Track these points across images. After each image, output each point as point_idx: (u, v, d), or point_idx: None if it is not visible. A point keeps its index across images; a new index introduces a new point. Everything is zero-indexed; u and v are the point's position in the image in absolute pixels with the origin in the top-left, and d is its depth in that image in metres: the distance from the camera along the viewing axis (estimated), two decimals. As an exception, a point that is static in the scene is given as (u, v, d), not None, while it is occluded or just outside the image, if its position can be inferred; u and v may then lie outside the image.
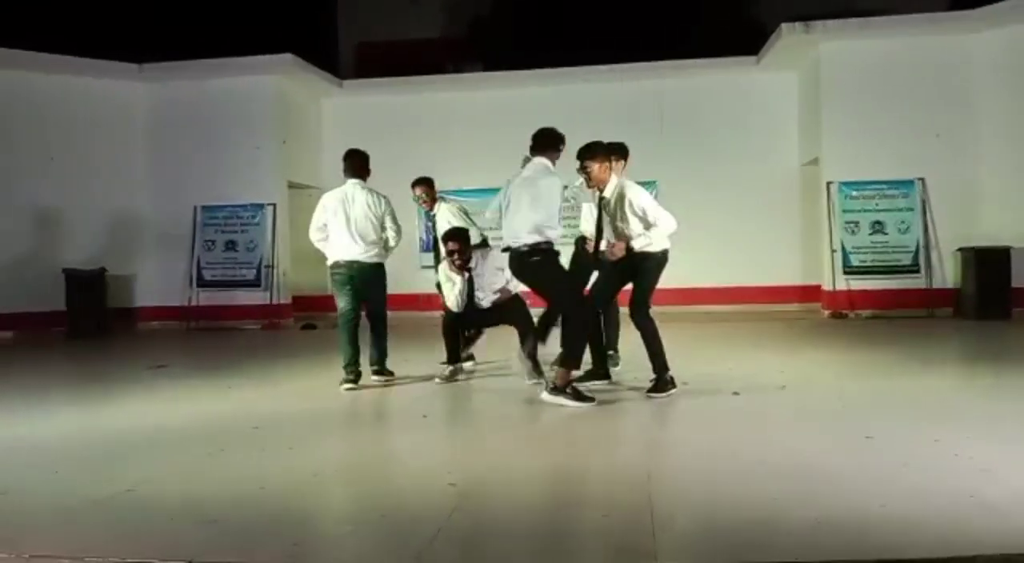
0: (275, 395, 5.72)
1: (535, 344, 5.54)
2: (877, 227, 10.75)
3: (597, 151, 5.02)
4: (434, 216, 6.57)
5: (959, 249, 10.33)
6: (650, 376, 5.04)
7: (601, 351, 5.52)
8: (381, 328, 5.93)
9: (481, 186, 9.98)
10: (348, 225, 5.67)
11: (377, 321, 5.91)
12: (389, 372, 5.93)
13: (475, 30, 15.61)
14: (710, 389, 5.15)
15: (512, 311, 5.71)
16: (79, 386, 6.54)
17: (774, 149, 12.12)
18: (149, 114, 12.02)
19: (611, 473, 3.38)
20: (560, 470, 3.59)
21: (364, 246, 5.70)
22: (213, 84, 11.83)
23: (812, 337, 8.61)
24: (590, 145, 5.04)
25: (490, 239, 6.56)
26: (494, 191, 5.22)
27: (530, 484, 3.24)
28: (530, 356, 5.51)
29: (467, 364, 6.24)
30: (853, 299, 10.65)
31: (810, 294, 11.58)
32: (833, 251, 10.74)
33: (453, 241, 5.74)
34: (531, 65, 12.14)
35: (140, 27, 13.18)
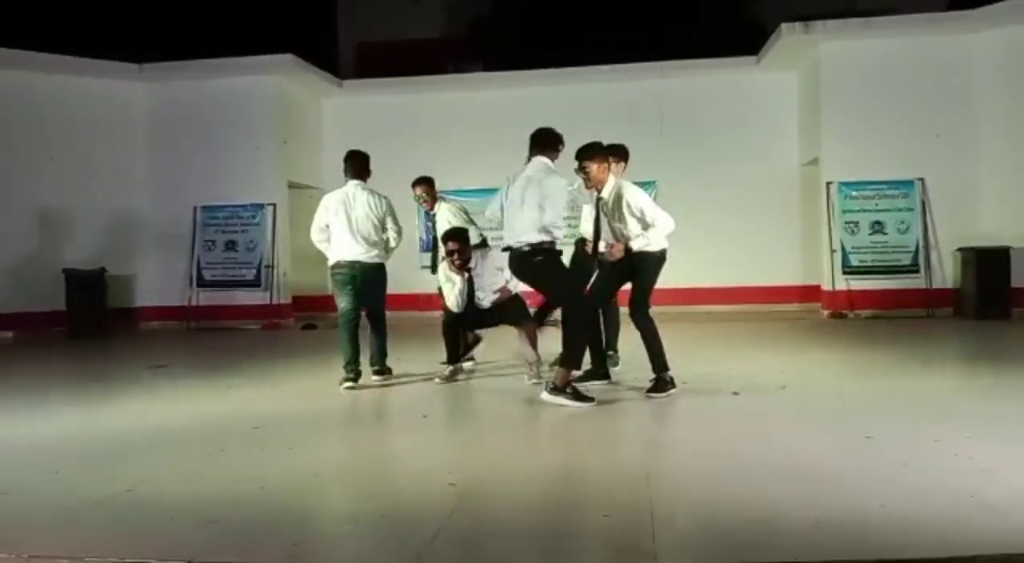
0: (275, 395, 5.72)
1: (535, 341, 5.55)
2: (877, 227, 10.75)
3: (596, 151, 5.03)
4: (434, 216, 6.58)
5: (959, 249, 10.34)
6: (650, 376, 5.05)
7: (600, 351, 5.53)
8: (381, 328, 5.98)
9: (481, 186, 9.98)
10: (350, 226, 5.69)
11: (377, 321, 5.96)
12: (388, 370, 5.99)
13: (475, 30, 15.61)
14: (710, 389, 5.15)
15: (512, 311, 5.72)
16: (79, 386, 6.54)
17: (774, 149, 12.13)
18: (149, 114, 12.02)
19: (611, 473, 3.37)
20: (560, 470, 3.59)
21: (366, 247, 5.72)
22: (213, 84, 11.84)
23: (812, 337, 8.61)
24: (589, 145, 5.04)
25: (490, 239, 6.56)
26: (494, 191, 5.21)
27: (530, 484, 3.24)
28: (531, 355, 5.52)
29: (467, 364, 6.25)
30: (853, 299, 10.65)
31: (810, 294, 11.58)
32: (833, 251, 10.75)
33: (453, 241, 5.74)
34: (531, 65, 12.14)
35: (140, 27, 13.19)
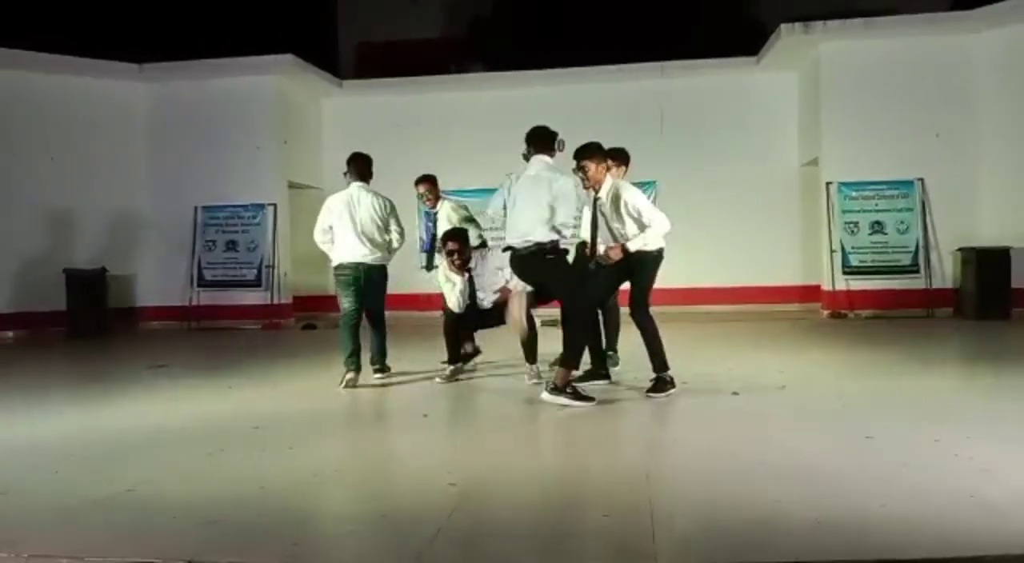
0: (275, 395, 5.72)
1: (535, 341, 5.56)
2: (877, 227, 10.75)
3: (594, 151, 5.04)
4: (435, 215, 6.58)
5: (959, 249, 10.34)
6: (650, 376, 5.05)
7: (600, 352, 5.53)
8: (380, 327, 6.05)
9: (481, 186, 9.98)
10: (354, 227, 5.73)
11: (377, 321, 6.02)
12: (388, 368, 6.06)
13: (475, 30, 15.61)
14: (710, 389, 5.15)
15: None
16: (79, 386, 6.54)
17: (774, 149, 12.13)
18: (149, 114, 12.02)
19: (611, 473, 3.38)
20: (560, 470, 3.60)
21: (369, 248, 5.77)
22: (213, 84, 11.84)
23: (812, 337, 8.61)
24: (587, 145, 5.05)
25: (489, 239, 6.56)
26: (494, 191, 5.19)
27: (530, 484, 3.24)
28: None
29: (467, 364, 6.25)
30: (853, 299, 10.65)
31: (810, 294, 11.58)
32: (833, 251, 10.75)
33: (452, 241, 5.75)
34: (531, 65, 12.14)
35: (140, 27, 13.19)
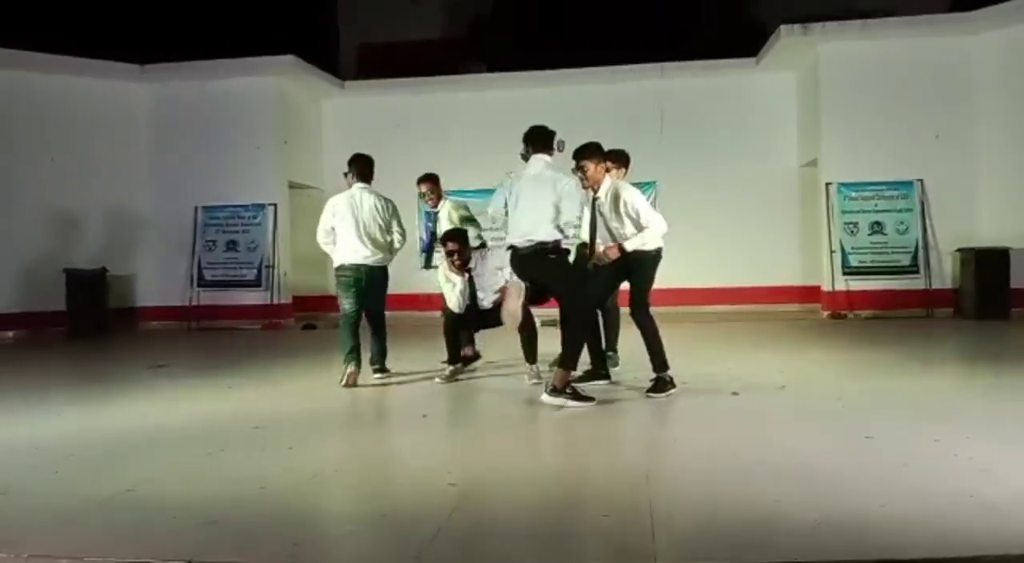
0: (275, 395, 5.72)
1: (534, 342, 5.55)
2: (876, 228, 10.75)
3: (593, 151, 5.05)
4: (436, 214, 6.58)
5: (958, 249, 10.34)
6: (650, 376, 5.05)
7: (600, 352, 5.53)
8: (381, 328, 6.05)
9: (481, 186, 9.97)
10: (357, 229, 5.75)
11: (377, 321, 6.03)
12: (388, 370, 6.05)
13: (475, 31, 15.62)
14: (710, 389, 5.15)
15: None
16: (79, 386, 6.54)
17: (773, 150, 12.14)
18: (150, 114, 12.03)
19: (611, 473, 3.37)
20: (560, 470, 3.60)
21: (371, 249, 5.79)
22: (214, 85, 11.84)
23: (812, 337, 8.61)
24: (586, 145, 5.06)
25: (489, 239, 6.56)
26: (494, 191, 5.18)
27: (530, 484, 3.24)
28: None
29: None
30: (852, 299, 10.65)
31: (810, 294, 11.59)
32: (832, 252, 10.75)
33: (452, 242, 5.76)
34: (531, 66, 12.15)
35: (141, 27, 13.19)
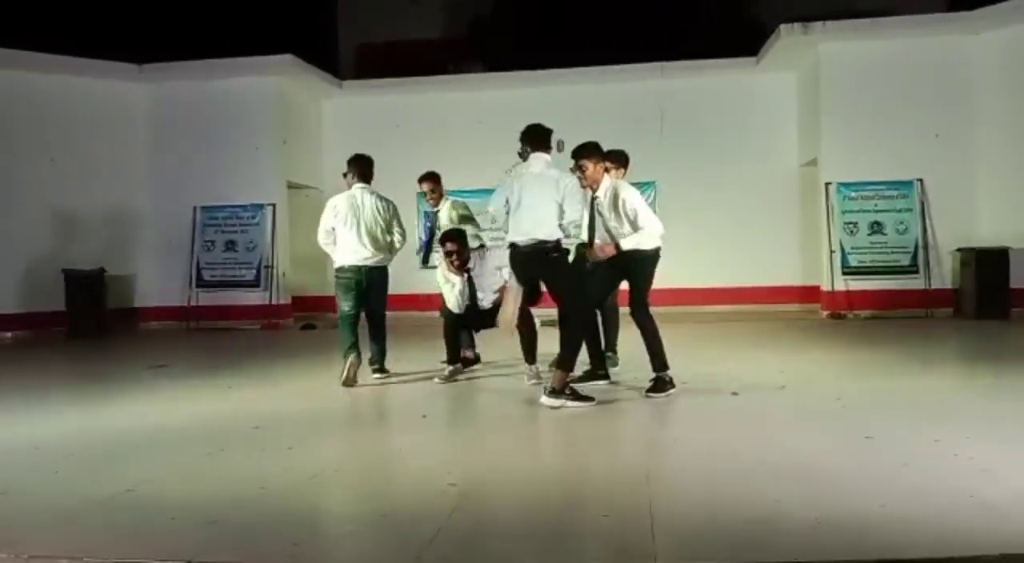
0: (275, 395, 5.72)
1: (534, 342, 5.55)
2: (876, 228, 10.76)
3: (592, 151, 5.05)
4: (437, 213, 6.57)
5: (958, 249, 10.34)
6: (650, 376, 5.05)
7: (600, 352, 5.53)
8: (381, 328, 6.03)
9: (481, 186, 9.98)
10: (358, 230, 5.75)
11: (377, 321, 6.00)
12: (387, 370, 6.03)
13: (475, 30, 15.60)
14: (710, 389, 5.15)
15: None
16: (79, 386, 6.54)
17: (773, 150, 12.13)
18: (149, 114, 12.02)
19: (611, 473, 3.38)
20: (560, 470, 3.60)
21: (372, 250, 5.79)
22: (213, 84, 11.84)
23: (812, 337, 8.61)
24: (585, 145, 5.07)
25: (488, 239, 6.55)
26: (494, 191, 5.17)
27: (530, 484, 3.24)
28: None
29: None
30: (852, 299, 10.65)
31: (809, 294, 11.59)
32: (832, 252, 10.75)
33: (451, 242, 5.75)
34: (531, 65, 12.14)
35: (140, 27, 13.17)
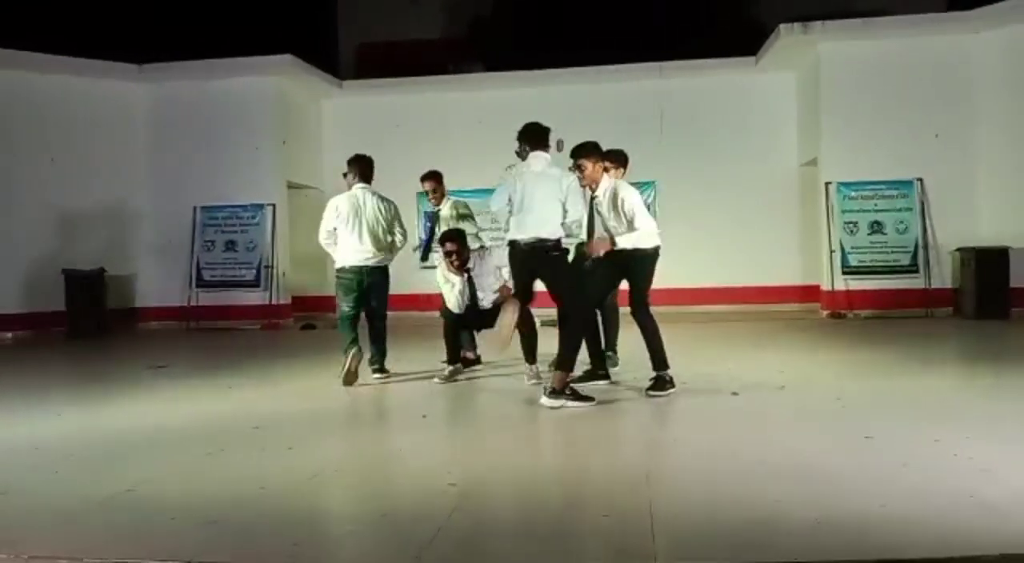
0: (275, 395, 5.72)
1: (534, 342, 5.54)
2: (876, 227, 10.76)
3: (591, 150, 5.07)
4: (438, 212, 6.56)
5: (958, 249, 10.34)
6: (649, 375, 5.05)
7: (600, 352, 5.53)
8: (381, 328, 6.02)
9: (481, 186, 9.97)
10: (360, 230, 5.75)
11: (378, 321, 6.00)
12: (387, 371, 6.03)
13: (475, 30, 15.59)
14: (710, 389, 5.15)
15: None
16: (79, 386, 6.54)
17: (773, 149, 12.14)
18: (149, 114, 12.02)
19: (611, 473, 3.37)
20: (560, 470, 3.60)
21: (373, 250, 5.80)
22: (213, 84, 11.84)
23: (811, 337, 8.62)
24: (584, 144, 5.09)
25: (488, 239, 6.55)
26: (494, 191, 5.17)
27: (530, 484, 3.24)
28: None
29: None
30: (852, 299, 10.65)
31: (809, 294, 11.59)
32: (832, 251, 10.75)
33: (451, 242, 5.76)
34: (531, 65, 12.14)
35: (140, 27, 13.17)
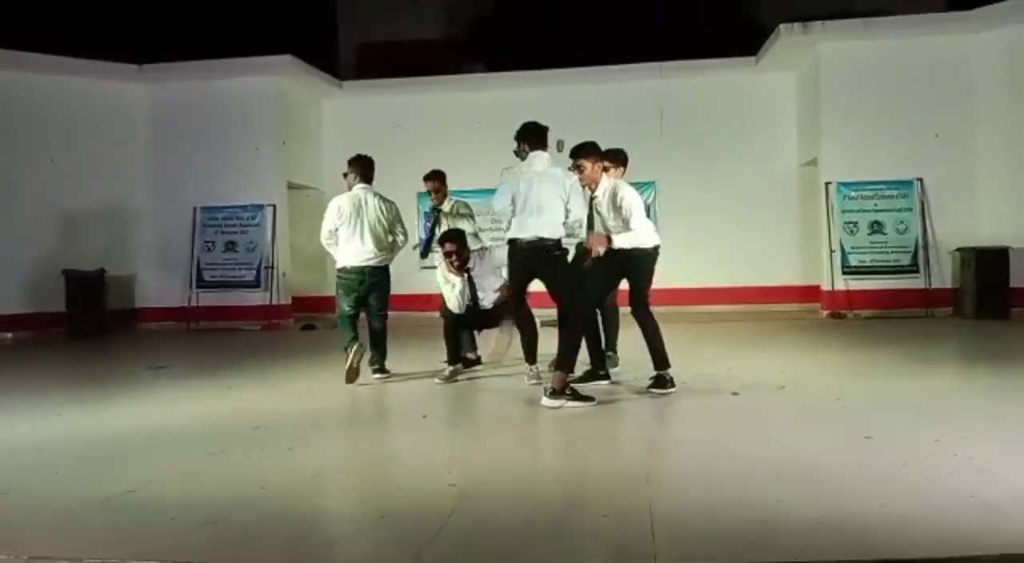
0: (275, 395, 5.72)
1: (534, 341, 5.53)
2: (876, 227, 10.76)
3: (590, 150, 5.08)
4: (439, 212, 6.55)
5: (957, 249, 10.34)
6: (650, 376, 5.06)
7: (600, 352, 5.53)
8: (381, 328, 6.02)
9: (481, 186, 9.97)
10: (362, 230, 5.76)
11: (379, 320, 5.99)
12: (387, 371, 6.03)
13: (475, 30, 15.60)
14: (710, 389, 5.15)
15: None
16: (79, 387, 6.54)
17: (773, 149, 12.14)
18: (149, 115, 12.03)
19: (611, 473, 3.37)
20: (560, 470, 3.60)
21: (374, 251, 5.81)
22: (213, 85, 11.84)
23: (811, 337, 8.62)
24: (583, 144, 5.10)
25: (488, 239, 6.55)
26: (494, 192, 5.16)
27: (530, 484, 3.24)
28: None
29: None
30: (852, 299, 10.65)
31: (809, 294, 11.59)
32: (832, 251, 10.75)
33: (450, 242, 5.76)
34: (531, 66, 12.15)
35: (140, 27, 13.18)
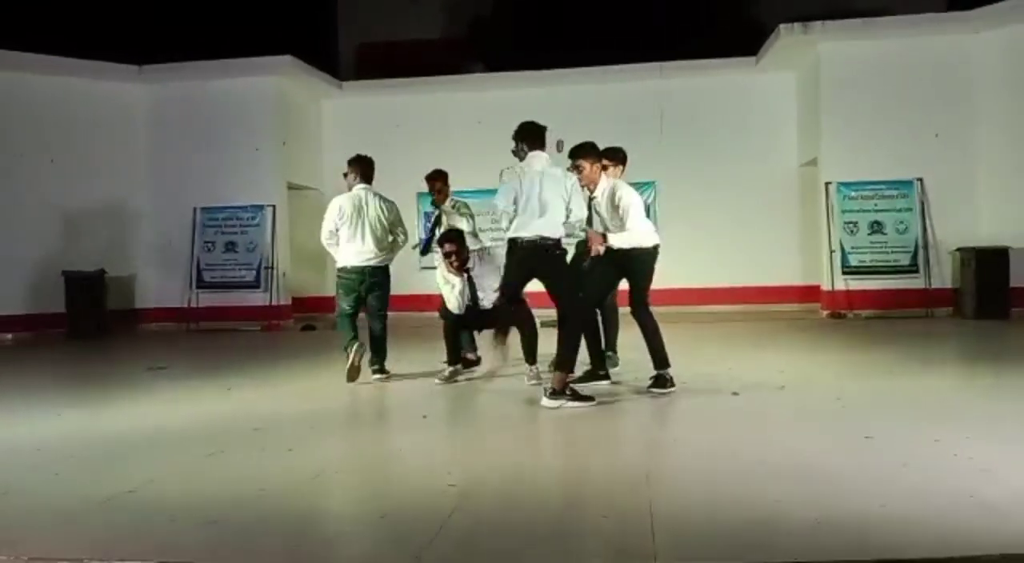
0: (275, 396, 5.72)
1: (534, 341, 5.54)
2: (876, 227, 10.76)
3: (589, 151, 5.09)
4: (439, 213, 6.55)
5: (958, 249, 10.34)
6: (650, 375, 5.06)
7: (600, 352, 5.53)
8: (381, 328, 6.02)
9: (481, 186, 9.98)
10: (363, 231, 5.77)
11: (379, 320, 5.99)
12: (387, 372, 6.03)
13: (475, 30, 15.59)
14: (710, 389, 5.15)
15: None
16: (79, 387, 6.54)
17: (773, 149, 12.14)
18: (149, 115, 12.03)
19: (611, 473, 3.37)
20: (560, 470, 3.60)
21: (375, 251, 5.82)
22: (213, 85, 11.84)
23: (812, 337, 8.62)
24: (582, 145, 5.12)
25: (488, 240, 6.55)
26: (494, 192, 5.16)
27: (530, 484, 3.24)
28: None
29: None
30: (852, 299, 10.65)
31: (809, 294, 11.60)
32: (832, 251, 10.76)
33: (450, 242, 5.76)
34: (531, 66, 12.15)
35: (140, 28, 13.17)
